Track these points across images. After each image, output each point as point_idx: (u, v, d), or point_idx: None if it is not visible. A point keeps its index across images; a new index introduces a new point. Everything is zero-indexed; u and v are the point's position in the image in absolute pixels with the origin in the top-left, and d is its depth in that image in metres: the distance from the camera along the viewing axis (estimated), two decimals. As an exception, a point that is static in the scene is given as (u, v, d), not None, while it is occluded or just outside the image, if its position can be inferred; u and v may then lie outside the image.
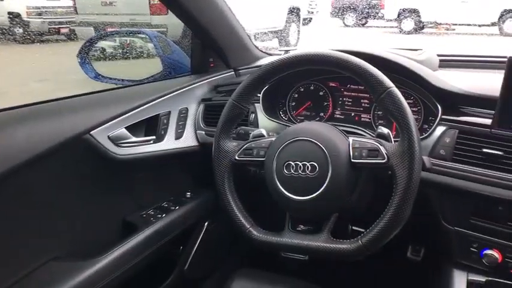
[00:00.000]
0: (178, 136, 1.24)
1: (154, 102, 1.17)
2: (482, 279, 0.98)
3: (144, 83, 1.34)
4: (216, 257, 1.51)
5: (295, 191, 0.89)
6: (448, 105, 1.02)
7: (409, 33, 7.29)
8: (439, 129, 1.00)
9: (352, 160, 0.86)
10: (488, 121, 0.94)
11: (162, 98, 1.19)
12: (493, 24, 6.69)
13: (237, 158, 0.97)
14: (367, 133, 1.08)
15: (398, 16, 7.54)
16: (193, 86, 1.30)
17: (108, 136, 1.05)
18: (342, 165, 0.86)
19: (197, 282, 1.42)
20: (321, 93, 1.26)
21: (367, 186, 0.97)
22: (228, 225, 0.97)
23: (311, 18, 7.64)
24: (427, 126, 1.08)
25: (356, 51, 0.95)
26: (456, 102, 1.02)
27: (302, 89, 1.29)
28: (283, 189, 0.90)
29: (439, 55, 1.31)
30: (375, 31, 8.22)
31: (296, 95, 1.29)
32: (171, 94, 1.22)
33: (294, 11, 6.35)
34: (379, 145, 0.85)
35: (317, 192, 0.86)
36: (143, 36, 1.78)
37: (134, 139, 1.11)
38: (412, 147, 0.80)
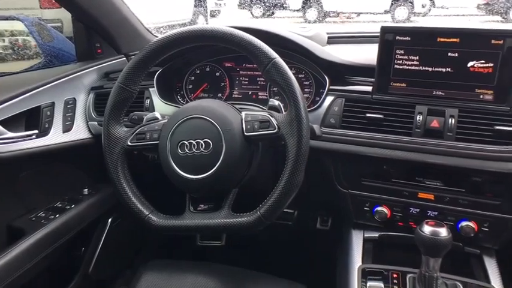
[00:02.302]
0: (66, 129, 1.14)
1: (32, 92, 1.05)
2: (375, 234, 1.06)
3: (19, 73, 1.21)
4: (126, 253, 1.43)
5: (192, 170, 0.86)
6: (335, 77, 1.07)
7: (313, 22, 7.63)
8: (328, 99, 1.05)
9: (245, 133, 0.86)
10: (369, 88, 1.01)
11: (42, 88, 1.08)
12: (386, 12, 7.28)
13: (129, 143, 0.92)
14: (263, 109, 1.09)
15: (302, 6, 7.85)
16: (79, 73, 1.21)
17: None
18: (235, 139, 0.86)
19: (105, 281, 1.33)
20: (217, 74, 1.25)
21: (265, 159, 0.98)
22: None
23: (219, 10, 7.61)
24: (318, 98, 1.13)
25: (244, 27, 0.95)
26: (342, 73, 1.08)
27: (198, 71, 1.26)
28: (179, 170, 0.87)
29: (328, 33, 1.38)
30: (282, 21, 8.46)
31: (192, 78, 1.26)
32: (53, 83, 1.12)
33: (200, 3, 6.26)
34: (270, 116, 0.86)
35: (213, 169, 0.85)
36: (16, 22, 1.60)
37: (11, 134, 1.00)
38: (299, 115, 0.82)
